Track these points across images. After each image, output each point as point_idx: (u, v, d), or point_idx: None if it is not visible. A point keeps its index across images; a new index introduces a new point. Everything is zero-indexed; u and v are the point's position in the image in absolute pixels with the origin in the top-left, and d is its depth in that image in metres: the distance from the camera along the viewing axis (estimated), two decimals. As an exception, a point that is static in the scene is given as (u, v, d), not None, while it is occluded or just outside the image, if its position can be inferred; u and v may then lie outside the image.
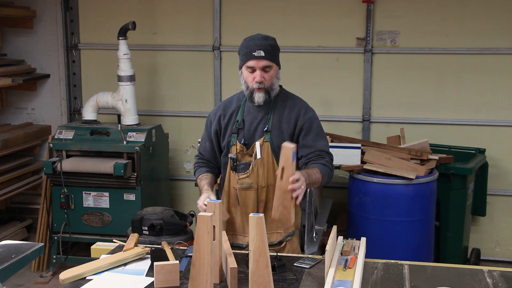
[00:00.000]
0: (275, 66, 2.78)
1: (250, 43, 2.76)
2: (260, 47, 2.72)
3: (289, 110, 2.84)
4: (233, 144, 2.84)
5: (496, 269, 2.43)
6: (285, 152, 2.35)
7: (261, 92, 2.75)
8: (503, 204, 4.97)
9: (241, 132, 2.84)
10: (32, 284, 4.65)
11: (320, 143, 2.81)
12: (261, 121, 2.83)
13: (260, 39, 2.76)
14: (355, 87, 5.03)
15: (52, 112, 5.54)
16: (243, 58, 2.78)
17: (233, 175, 2.84)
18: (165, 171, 5.15)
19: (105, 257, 2.49)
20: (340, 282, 2.20)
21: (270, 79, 2.76)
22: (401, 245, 4.18)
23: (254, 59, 2.72)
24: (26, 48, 5.46)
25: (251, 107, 2.85)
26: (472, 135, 4.89)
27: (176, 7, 5.21)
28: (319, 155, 2.78)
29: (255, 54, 2.72)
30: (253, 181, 2.80)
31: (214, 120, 2.93)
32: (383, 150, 4.39)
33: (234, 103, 2.93)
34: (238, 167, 2.81)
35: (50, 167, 4.51)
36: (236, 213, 2.87)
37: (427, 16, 4.85)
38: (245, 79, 2.79)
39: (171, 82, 5.32)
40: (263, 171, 2.80)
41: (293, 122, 2.82)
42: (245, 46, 2.77)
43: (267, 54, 2.73)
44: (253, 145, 2.81)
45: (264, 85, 2.74)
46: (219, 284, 2.29)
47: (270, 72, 2.76)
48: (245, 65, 2.77)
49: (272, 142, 2.80)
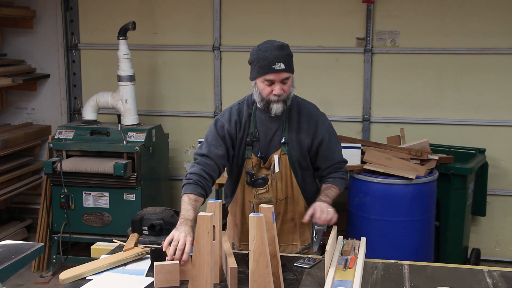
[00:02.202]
0: (291, 75, 2.65)
1: (267, 54, 2.57)
2: (279, 59, 2.56)
3: (305, 121, 2.73)
4: (248, 157, 2.72)
5: (496, 269, 2.43)
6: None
7: (279, 103, 2.62)
8: (503, 204, 4.97)
9: (256, 144, 2.71)
10: (32, 284, 4.65)
11: (338, 154, 2.83)
12: (276, 132, 2.71)
13: (277, 49, 2.58)
14: (355, 87, 5.03)
15: (52, 112, 5.54)
16: (260, 71, 2.59)
17: (249, 190, 2.75)
18: (165, 171, 5.15)
19: (105, 257, 2.49)
20: (340, 282, 2.20)
21: (288, 90, 2.63)
22: (401, 245, 4.17)
23: (274, 73, 2.56)
24: (26, 48, 5.46)
25: (264, 118, 2.71)
26: (472, 135, 4.89)
27: (176, 7, 5.21)
28: (338, 167, 2.81)
29: (275, 68, 2.56)
30: (272, 195, 2.73)
31: (230, 125, 2.72)
32: (383, 150, 4.39)
33: (245, 110, 2.75)
34: (256, 182, 2.71)
35: (50, 167, 4.51)
36: None
37: (427, 16, 4.85)
38: (261, 90, 2.62)
39: (171, 82, 5.32)
40: (281, 184, 2.73)
41: (311, 134, 2.73)
42: (262, 58, 2.58)
43: (287, 66, 2.58)
44: (270, 158, 2.71)
45: (283, 97, 2.61)
46: (219, 284, 2.29)
47: (288, 83, 2.62)
48: (262, 77, 2.59)
49: (291, 155, 2.71)
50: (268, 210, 2.16)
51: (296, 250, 2.83)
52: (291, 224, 2.81)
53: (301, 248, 2.84)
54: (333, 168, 2.81)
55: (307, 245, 2.86)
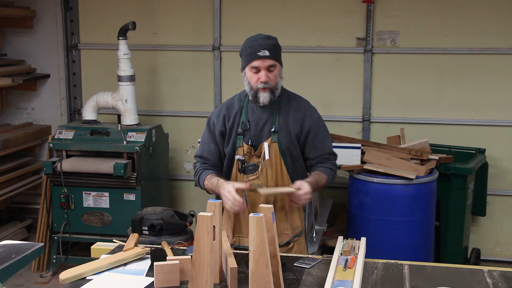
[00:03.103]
0: (278, 66, 2.79)
1: (254, 43, 2.74)
2: (264, 47, 2.71)
3: (294, 110, 2.85)
4: (239, 146, 2.82)
5: (496, 269, 2.43)
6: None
7: (266, 92, 2.75)
8: (503, 204, 4.97)
9: (247, 133, 2.83)
10: (32, 284, 4.65)
11: (327, 145, 2.90)
12: (266, 121, 2.83)
13: (263, 39, 2.75)
14: (355, 87, 5.03)
15: (52, 112, 5.54)
16: (246, 59, 2.76)
17: (241, 177, 2.82)
18: (165, 171, 5.15)
19: (105, 257, 2.49)
20: (340, 282, 2.20)
21: (275, 79, 2.77)
22: (401, 245, 4.17)
23: (259, 59, 2.71)
24: (26, 48, 5.46)
25: (255, 108, 2.84)
26: (472, 135, 4.89)
27: (176, 7, 5.21)
28: (327, 158, 2.87)
29: (260, 54, 2.71)
30: (263, 182, 2.80)
31: (218, 121, 2.88)
32: (383, 150, 4.39)
33: (236, 104, 2.91)
34: (247, 169, 2.79)
35: (50, 167, 4.51)
36: (243, 215, 2.85)
37: (427, 16, 4.85)
38: (249, 79, 2.77)
39: (171, 82, 5.32)
40: (271, 171, 2.81)
41: (300, 123, 2.84)
42: (248, 47, 2.76)
43: (272, 54, 2.72)
44: (261, 146, 2.81)
45: (269, 85, 2.74)
46: (219, 284, 2.29)
47: (274, 71, 2.76)
48: (249, 65, 2.75)
49: (280, 143, 2.80)
50: (268, 210, 2.16)
51: (287, 239, 2.89)
52: (282, 213, 2.88)
53: (292, 236, 2.91)
54: (322, 158, 2.88)
55: (298, 233, 2.93)
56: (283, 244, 2.86)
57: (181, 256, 2.35)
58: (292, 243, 2.91)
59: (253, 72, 2.74)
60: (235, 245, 2.91)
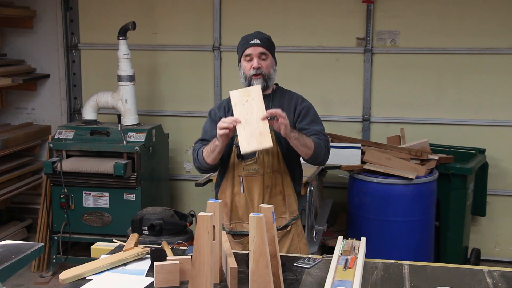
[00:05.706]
0: (271, 57, 2.92)
1: (247, 36, 2.94)
2: (256, 37, 2.91)
3: (288, 100, 2.97)
4: (237, 134, 2.85)
5: (496, 269, 2.43)
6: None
7: (259, 79, 2.86)
8: (503, 204, 4.97)
9: None
10: (32, 284, 4.65)
11: (316, 127, 2.93)
12: None
13: (256, 32, 2.97)
14: (355, 87, 5.03)
15: (52, 112, 5.54)
16: (241, 50, 2.93)
17: (238, 163, 2.91)
18: (165, 171, 5.15)
19: (105, 257, 2.49)
20: (340, 282, 2.20)
21: (267, 68, 2.89)
22: (401, 245, 4.18)
23: (251, 47, 2.87)
24: (26, 48, 5.47)
25: None
26: (472, 135, 4.89)
27: (176, 7, 5.21)
28: (315, 134, 2.89)
29: (252, 42, 2.88)
30: (260, 167, 2.88)
31: (219, 110, 3.01)
32: (383, 150, 4.39)
33: None
34: (245, 154, 2.85)
35: (50, 167, 4.51)
36: (239, 202, 2.94)
37: (427, 16, 4.86)
38: (243, 69, 2.91)
39: (171, 82, 5.33)
40: (268, 158, 2.90)
41: (292, 110, 2.94)
42: (242, 39, 2.95)
43: (263, 43, 2.89)
44: None
45: (261, 71, 2.86)
46: (219, 284, 2.29)
47: (266, 60, 2.89)
48: (243, 55, 2.90)
49: (275, 130, 2.85)
50: (268, 210, 2.16)
51: (285, 222, 2.96)
52: (279, 197, 2.95)
53: (290, 219, 2.97)
54: (310, 133, 2.88)
55: (295, 216, 3.00)
56: (281, 227, 2.94)
57: (181, 256, 2.35)
58: (290, 226, 2.98)
59: (246, 60, 2.89)
60: (233, 231, 2.98)
